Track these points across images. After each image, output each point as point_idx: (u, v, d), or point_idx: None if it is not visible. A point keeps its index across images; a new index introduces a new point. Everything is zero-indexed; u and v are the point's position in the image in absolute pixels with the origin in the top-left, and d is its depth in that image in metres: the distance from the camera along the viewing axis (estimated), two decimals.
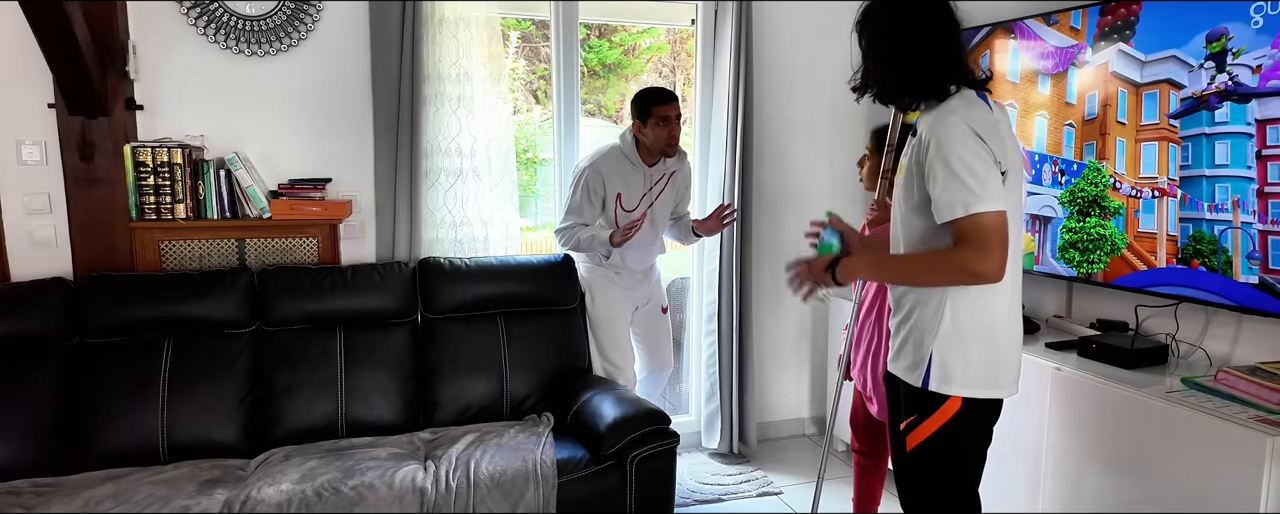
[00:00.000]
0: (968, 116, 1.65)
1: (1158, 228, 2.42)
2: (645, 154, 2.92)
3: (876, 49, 1.76)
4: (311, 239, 2.90)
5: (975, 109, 1.68)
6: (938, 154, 1.63)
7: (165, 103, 2.81)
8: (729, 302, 3.41)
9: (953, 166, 1.61)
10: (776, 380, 3.73)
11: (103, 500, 2.15)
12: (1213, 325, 2.44)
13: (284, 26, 2.87)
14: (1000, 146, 1.65)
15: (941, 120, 1.66)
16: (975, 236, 1.59)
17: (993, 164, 1.62)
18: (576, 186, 2.91)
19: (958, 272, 1.63)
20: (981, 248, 1.59)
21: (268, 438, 2.59)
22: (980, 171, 1.60)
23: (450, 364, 2.82)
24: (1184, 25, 2.31)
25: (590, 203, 2.89)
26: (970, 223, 1.60)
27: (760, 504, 3.13)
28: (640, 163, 2.92)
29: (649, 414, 2.53)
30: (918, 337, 1.76)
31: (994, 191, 1.60)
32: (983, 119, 1.66)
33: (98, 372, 2.50)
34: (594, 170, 2.88)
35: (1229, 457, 1.93)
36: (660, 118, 2.84)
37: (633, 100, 2.90)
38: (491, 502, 2.31)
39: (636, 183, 2.93)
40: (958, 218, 1.61)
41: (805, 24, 3.53)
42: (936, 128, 1.66)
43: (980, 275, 1.61)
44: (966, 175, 1.60)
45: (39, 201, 2.71)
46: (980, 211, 1.59)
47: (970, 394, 1.73)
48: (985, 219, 1.59)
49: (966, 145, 1.61)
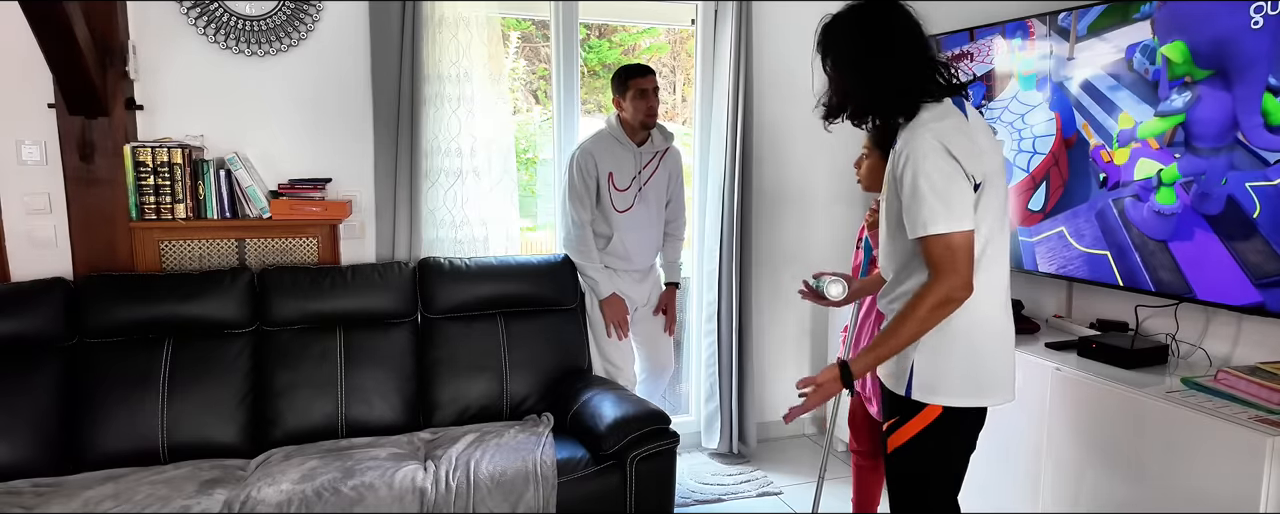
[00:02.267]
0: (938, 129, 1.63)
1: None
2: (630, 131, 2.96)
3: (841, 67, 1.75)
4: (311, 239, 2.90)
5: (948, 119, 1.66)
6: (908, 169, 1.63)
7: (165, 103, 2.81)
8: (729, 302, 3.41)
9: (919, 185, 1.61)
10: (776, 380, 3.73)
11: (103, 500, 2.15)
12: (1213, 325, 2.44)
13: (284, 26, 2.87)
14: (974, 158, 1.63)
15: (913, 134, 1.65)
16: (943, 257, 1.61)
17: (964, 179, 1.61)
18: (570, 170, 2.96)
19: (938, 308, 1.64)
20: (949, 270, 1.60)
21: (267, 438, 2.59)
22: (946, 191, 1.60)
23: (450, 364, 2.82)
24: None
25: (586, 185, 2.93)
26: (937, 242, 1.61)
27: (760, 504, 3.12)
28: (628, 141, 2.96)
29: (649, 414, 2.53)
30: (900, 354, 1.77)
31: (961, 210, 1.60)
32: (955, 129, 1.64)
33: (98, 372, 2.50)
34: (584, 151, 2.94)
35: (1229, 457, 1.92)
36: (639, 90, 2.89)
37: (612, 78, 2.96)
38: (491, 502, 2.31)
39: (627, 162, 2.97)
40: (924, 236, 1.62)
41: (805, 24, 3.46)
42: (909, 142, 1.65)
43: (955, 300, 1.63)
44: (931, 195, 1.60)
45: (39, 201, 2.71)
46: (945, 232, 1.59)
47: (951, 403, 1.73)
48: (953, 240, 1.60)
49: (934, 163, 1.60)
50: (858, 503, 2.64)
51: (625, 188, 2.97)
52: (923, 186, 1.60)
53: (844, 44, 1.73)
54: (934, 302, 1.62)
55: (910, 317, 1.65)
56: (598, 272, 2.97)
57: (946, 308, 1.64)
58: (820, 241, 3.68)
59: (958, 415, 1.75)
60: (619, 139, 2.96)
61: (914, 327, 1.66)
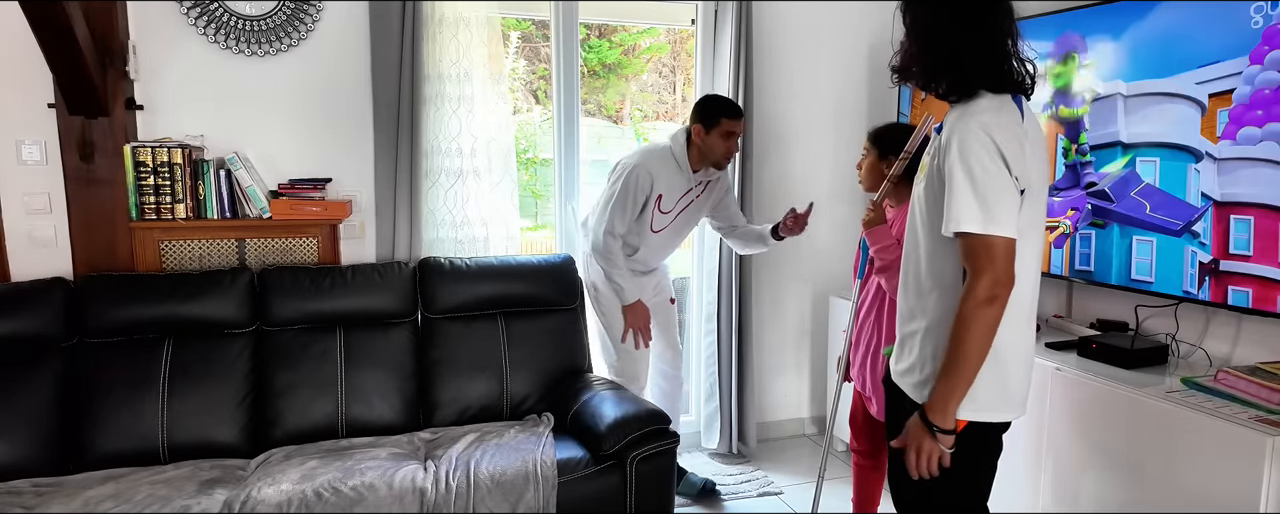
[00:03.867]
0: (992, 123, 1.55)
1: None
2: (696, 159, 2.86)
3: (918, 28, 1.66)
4: (311, 239, 2.90)
5: (1004, 114, 1.58)
6: (958, 159, 1.55)
7: (165, 103, 2.81)
8: (729, 301, 3.41)
9: (974, 177, 1.53)
10: (776, 380, 3.73)
11: (103, 500, 2.15)
12: (1213, 325, 2.44)
13: (284, 26, 2.87)
14: (1021, 164, 1.55)
15: (965, 123, 1.57)
16: (982, 256, 1.53)
17: (1010, 180, 1.54)
18: (622, 181, 2.80)
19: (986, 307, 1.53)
20: (986, 266, 1.53)
21: (268, 438, 2.59)
22: (994, 191, 1.52)
23: (450, 364, 2.82)
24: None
25: (634, 201, 2.81)
26: (979, 242, 1.53)
27: (760, 504, 3.13)
28: (686, 167, 2.86)
29: (649, 414, 2.53)
30: (924, 357, 1.70)
31: (1005, 216, 1.53)
32: (1009, 128, 1.56)
33: (98, 372, 2.50)
34: (644, 168, 2.79)
35: (1229, 457, 1.92)
36: (727, 132, 2.78)
37: (701, 103, 2.83)
38: (491, 502, 2.31)
39: (678, 186, 2.88)
40: (966, 232, 1.54)
41: (805, 24, 3.53)
42: (959, 130, 1.57)
43: (1000, 297, 1.54)
44: (977, 192, 1.52)
45: (39, 201, 2.71)
46: (988, 234, 1.52)
47: (977, 418, 1.67)
48: (995, 241, 1.52)
49: (982, 161, 1.53)
50: (858, 503, 2.63)
51: (669, 211, 2.89)
52: (967, 182, 1.53)
53: (932, 3, 1.64)
54: (981, 305, 1.53)
55: (966, 330, 1.55)
56: (625, 278, 2.87)
57: (995, 306, 1.54)
58: (821, 241, 3.68)
59: (983, 430, 1.69)
60: (680, 162, 2.85)
61: (976, 336, 1.55)
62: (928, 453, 1.63)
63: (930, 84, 1.68)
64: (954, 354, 1.58)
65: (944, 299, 1.67)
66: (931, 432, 1.61)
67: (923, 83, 1.69)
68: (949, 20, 1.62)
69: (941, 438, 1.61)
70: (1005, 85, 1.63)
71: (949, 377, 1.59)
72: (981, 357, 1.57)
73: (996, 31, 1.62)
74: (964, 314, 1.55)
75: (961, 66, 1.62)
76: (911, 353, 1.75)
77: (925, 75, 1.67)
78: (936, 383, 1.61)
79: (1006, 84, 1.63)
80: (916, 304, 1.74)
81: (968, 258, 1.56)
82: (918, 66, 1.68)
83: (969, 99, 1.62)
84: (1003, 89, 1.63)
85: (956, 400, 1.60)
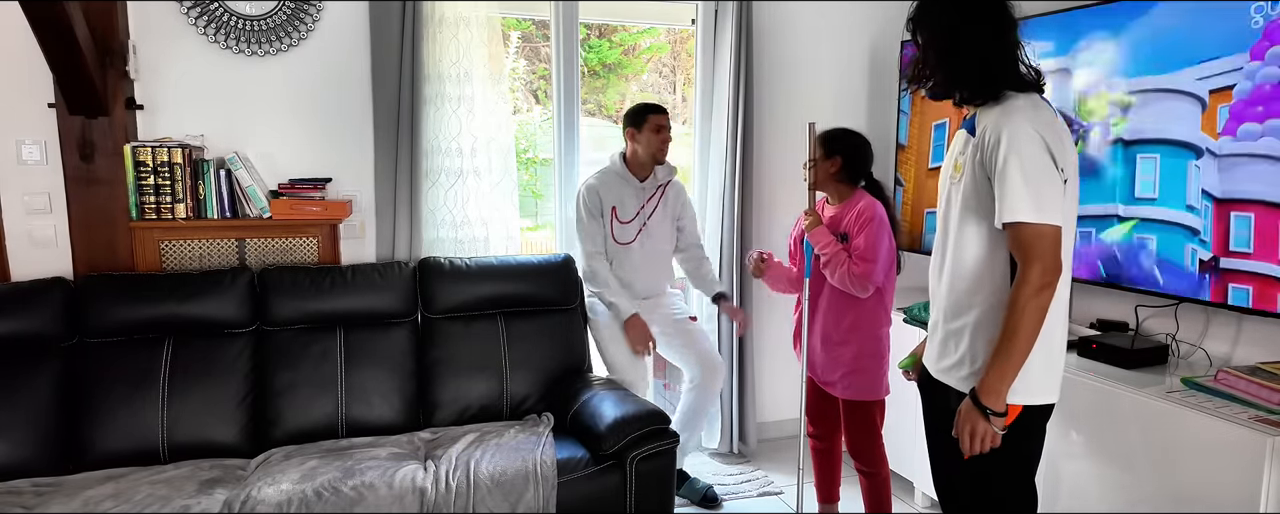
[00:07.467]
0: (1037, 120, 1.63)
1: None
2: (635, 168, 2.99)
3: (934, 43, 1.74)
4: (311, 239, 2.90)
5: (1042, 112, 1.67)
6: (1010, 153, 1.62)
7: (165, 103, 2.81)
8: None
9: (1025, 169, 1.60)
10: (776, 380, 3.73)
11: (103, 500, 2.15)
12: (1213, 325, 2.44)
13: (284, 26, 2.87)
14: (1063, 154, 1.64)
15: (1010, 120, 1.64)
16: (1035, 245, 1.60)
17: (1056, 172, 1.62)
18: (578, 206, 2.99)
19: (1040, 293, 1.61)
20: (1039, 258, 1.60)
21: (268, 438, 2.59)
22: (1044, 182, 1.61)
23: (450, 364, 2.82)
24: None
25: (592, 217, 2.96)
26: (1032, 231, 1.60)
27: (760, 504, 3.13)
28: (632, 178, 2.99)
29: (649, 414, 2.53)
30: (975, 350, 1.75)
31: (1053, 205, 1.61)
32: (1049, 125, 1.65)
33: (98, 371, 2.50)
34: (589, 188, 2.98)
35: (1229, 457, 1.93)
36: (656, 126, 2.95)
37: (627, 113, 3.01)
38: (491, 502, 2.31)
39: (629, 195, 2.99)
40: (1022, 221, 1.61)
41: (805, 24, 3.53)
42: (1007, 126, 1.64)
43: (1050, 283, 1.62)
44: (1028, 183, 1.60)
45: (39, 201, 2.71)
46: (1040, 223, 1.60)
47: (1031, 401, 1.73)
48: (1046, 230, 1.60)
49: (1032, 154, 1.61)
50: (821, 486, 2.72)
51: (629, 221, 2.99)
52: (1021, 174, 1.60)
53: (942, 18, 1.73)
54: (1034, 293, 1.61)
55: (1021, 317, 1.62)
56: (617, 295, 2.95)
57: (1047, 293, 1.62)
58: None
59: (1035, 413, 1.75)
60: (623, 176, 2.99)
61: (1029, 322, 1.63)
62: (981, 434, 1.69)
63: (952, 91, 1.76)
64: (1007, 340, 1.65)
65: (996, 291, 1.72)
66: (985, 414, 1.68)
67: (944, 91, 1.77)
68: (973, 31, 1.70)
69: (994, 420, 1.68)
70: (1026, 85, 1.72)
71: (1001, 362, 1.66)
72: (1032, 342, 1.64)
73: (1013, 36, 1.72)
74: (1019, 302, 1.62)
75: (990, 72, 1.70)
76: (959, 348, 1.80)
77: (948, 84, 1.76)
78: (989, 369, 1.68)
79: (1027, 84, 1.72)
80: (963, 300, 1.79)
81: (1019, 247, 1.63)
82: (940, 75, 1.76)
83: (997, 100, 1.71)
84: (1025, 88, 1.72)
85: (1008, 384, 1.67)
